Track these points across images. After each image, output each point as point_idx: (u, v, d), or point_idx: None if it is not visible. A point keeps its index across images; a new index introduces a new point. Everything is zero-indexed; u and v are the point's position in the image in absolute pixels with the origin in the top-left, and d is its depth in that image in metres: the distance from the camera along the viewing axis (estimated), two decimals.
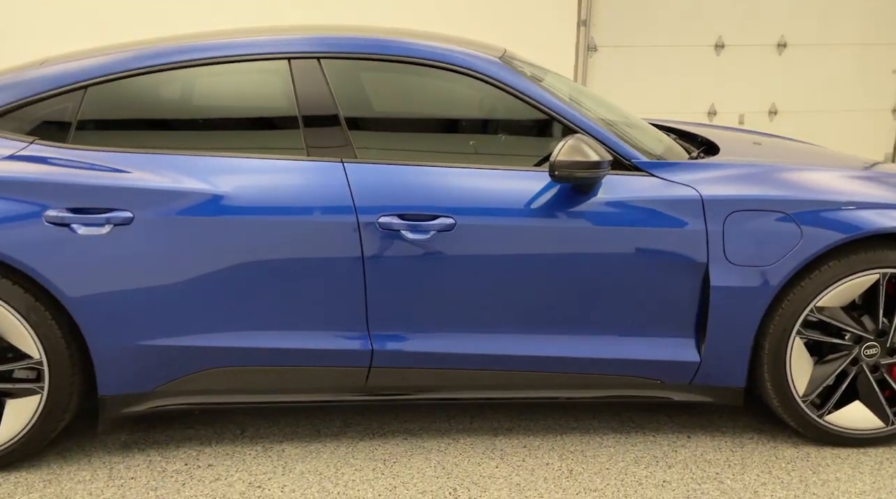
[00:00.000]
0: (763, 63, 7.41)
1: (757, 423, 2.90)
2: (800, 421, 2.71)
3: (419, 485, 2.47)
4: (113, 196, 2.38)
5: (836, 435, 2.73)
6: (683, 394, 2.72)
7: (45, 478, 2.49)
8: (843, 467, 2.62)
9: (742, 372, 2.65)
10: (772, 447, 2.75)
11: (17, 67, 2.69)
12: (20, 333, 2.40)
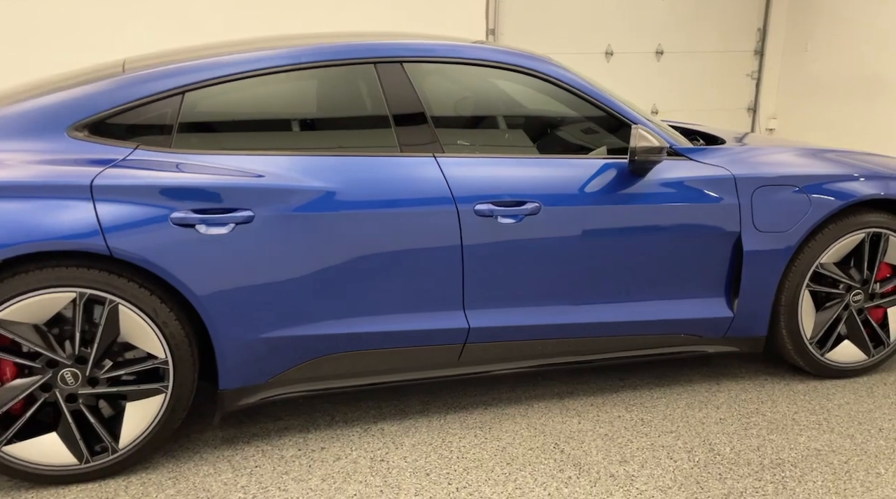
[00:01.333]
0: (645, 68, 8.20)
1: (762, 368, 3.41)
2: (808, 360, 3.24)
3: (523, 444, 2.76)
4: (234, 196, 2.48)
5: (833, 369, 3.29)
6: (717, 346, 3.17)
7: (170, 476, 2.54)
8: (846, 393, 3.18)
9: (765, 323, 3.14)
10: (785, 385, 3.26)
11: (99, 72, 2.69)
12: (147, 334, 2.45)
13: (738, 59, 8.48)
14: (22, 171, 2.35)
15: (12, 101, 2.57)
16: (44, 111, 2.50)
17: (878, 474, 2.59)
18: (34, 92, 2.62)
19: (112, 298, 2.38)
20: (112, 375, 2.46)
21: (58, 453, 2.45)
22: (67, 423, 2.44)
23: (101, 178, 2.37)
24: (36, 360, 2.39)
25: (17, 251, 2.26)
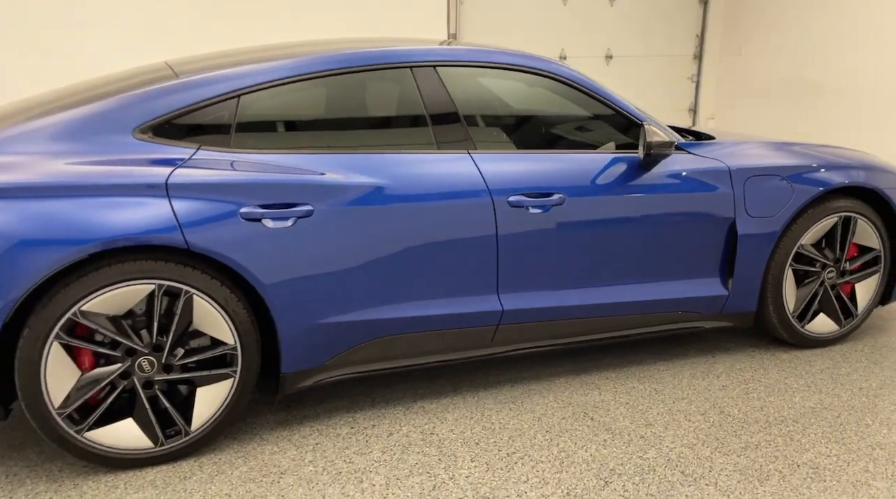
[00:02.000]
0: (595, 71, 8.61)
1: (748, 342, 3.78)
2: (790, 332, 3.62)
3: (555, 414, 3.03)
4: (295, 192, 2.67)
5: (812, 339, 3.68)
6: (713, 322, 3.51)
7: (238, 456, 2.71)
8: (824, 360, 3.57)
9: (755, 299, 3.50)
10: (771, 355, 3.63)
11: (148, 76, 2.84)
12: (218, 323, 2.61)
13: (680, 63, 9.00)
14: (100, 171, 2.49)
15: (63, 106, 2.68)
16: (110, 115, 2.63)
17: (867, 425, 2.96)
18: (81, 97, 2.75)
19: (188, 289, 2.54)
20: (185, 361, 2.61)
21: (134, 437, 2.58)
22: (144, 408, 2.58)
23: (174, 176, 2.53)
24: (116, 349, 2.52)
25: (103, 246, 2.40)
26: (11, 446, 2.76)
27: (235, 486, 2.52)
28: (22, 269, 2.32)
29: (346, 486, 2.52)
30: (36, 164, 2.46)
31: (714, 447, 2.78)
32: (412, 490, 2.50)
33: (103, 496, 2.46)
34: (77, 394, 2.48)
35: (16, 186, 2.37)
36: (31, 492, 2.48)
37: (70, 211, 2.39)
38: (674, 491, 2.50)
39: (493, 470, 2.62)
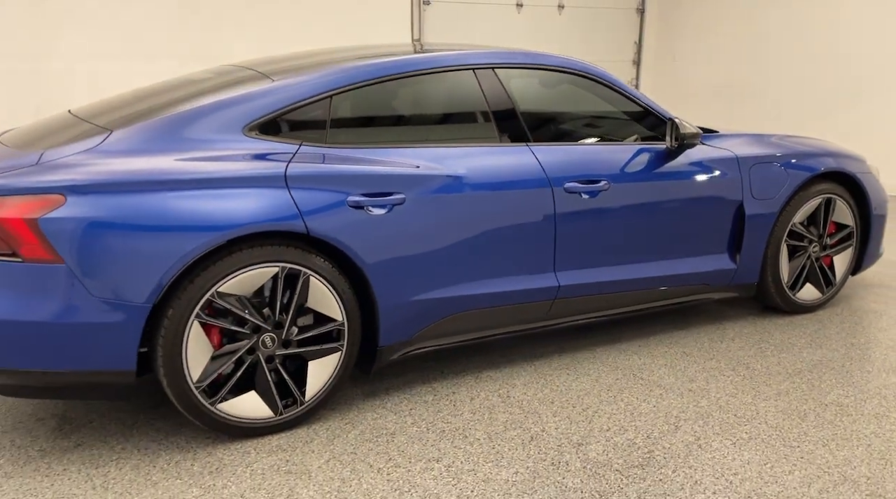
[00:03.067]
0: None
1: (745, 312, 4.28)
2: (784, 300, 4.14)
3: (609, 376, 3.42)
4: (390, 182, 2.97)
5: (801, 305, 4.21)
6: (722, 293, 3.99)
7: (344, 423, 2.98)
8: (814, 322, 4.11)
9: (757, 272, 4.00)
10: (769, 321, 4.14)
11: (236, 75, 3.11)
12: (329, 301, 2.88)
13: (621, 68, 9.62)
14: (228, 165, 2.72)
15: (164, 106, 2.92)
16: (221, 114, 2.86)
17: (868, 371, 3.49)
18: (175, 97, 3.00)
19: (305, 271, 2.80)
20: (302, 337, 2.87)
21: (257, 408, 2.82)
22: (266, 381, 2.82)
23: (290, 169, 2.79)
24: (244, 327, 2.76)
25: (240, 232, 2.64)
26: (126, 424, 2.94)
27: (355, 446, 2.79)
28: (173, 253, 2.54)
29: (454, 440, 2.84)
30: (164, 158, 2.67)
31: (753, 395, 3.23)
32: (513, 441, 2.84)
33: (239, 461, 2.69)
34: (211, 368, 2.71)
35: (161, 179, 2.58)
36: (170, 461, 2.68)
37: (210, 201, 2.62)
38: (735, 429, 2.93)
39: (575, 423, 2.99)
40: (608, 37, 9.35)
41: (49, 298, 2.48)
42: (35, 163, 2.58)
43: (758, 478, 2.60)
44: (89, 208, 2.49)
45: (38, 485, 2.53)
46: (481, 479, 2.58)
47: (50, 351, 2.53)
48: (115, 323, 2.53)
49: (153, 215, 2.56)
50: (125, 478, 2.57)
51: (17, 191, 2.46)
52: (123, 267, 2.52)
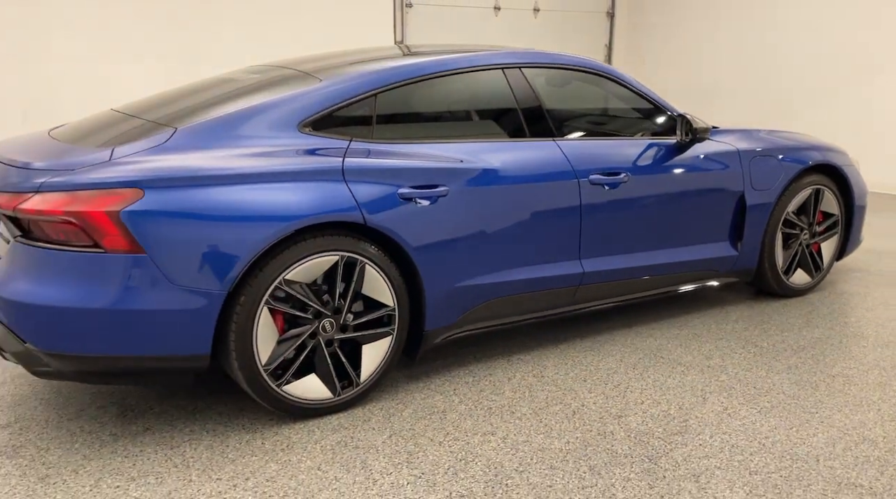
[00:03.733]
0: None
1: (737, 296, 4.57)
2: (779, 283, 4.44)
3: (632, 356, 3.66)
4: (436, 175, 3.15)
5: (793, 289, 4.52)
6: (724, 278, 4.26)
7: (396, 403, 3.15)
8: (806, 304, 4.42)
9: (755, 258, 4.29)
10: (766, 304, 4.44)
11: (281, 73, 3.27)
12: (382, 288, 3.05)
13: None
14: (288, 160, 2.88)
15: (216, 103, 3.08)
16: (278, 112, 3.01)
17: (863, 346, 3.80)
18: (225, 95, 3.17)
19: (361, 259, 2.97)
20: (358, 322, 3.03)
21: (317, 389, 2.97)
22: (326, 363, 2.98)
23: (346, 164, 2.96)
24: (307, 312, 2.91)
25: (306, 222, 2.79)
26: (187, 410, 3.06)
27: (412, 423, 2.97)
28: (247, 243, 2.69)
29: (503, 416, 3.03)
30: (230, 154, 2.82)
31: (766, 370, 3.50)
32: (558, 416, 3.05)
33: (306, 438, 2.84)
34: (277, 352, 2.85)
35: (231, 173, 2.73)
36: (240, 440, 2.82)
37: (278, 194, 2.78)
38: (757, 400, 3.19)
39: (610, 398, 3.21)
40: (580, 39, 9.65)
41: (132, 287, 2.60)
42: (108, 159, 2.70)
43: (787, 440, 2.85)
44: (167, 201, 2.62)
45: (119, 465, 2.65)
46: (537, 448, 2.78)
47: (133, 337, 2.65)
48: (194, 310, 2.67)
49: (227, 207, 2.70)
50: (202, 456, 2.70)
51: (97, 185, 2.58)
52: (201, 256, 2.66)
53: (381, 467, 2.65)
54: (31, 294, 2.58)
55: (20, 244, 2.64)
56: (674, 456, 2.73)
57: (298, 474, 2.60)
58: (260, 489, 2.50)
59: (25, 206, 2.57)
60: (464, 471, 2.62)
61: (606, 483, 2.55)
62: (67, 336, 2.61)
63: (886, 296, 4.62)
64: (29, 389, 3.24)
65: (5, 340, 2.68)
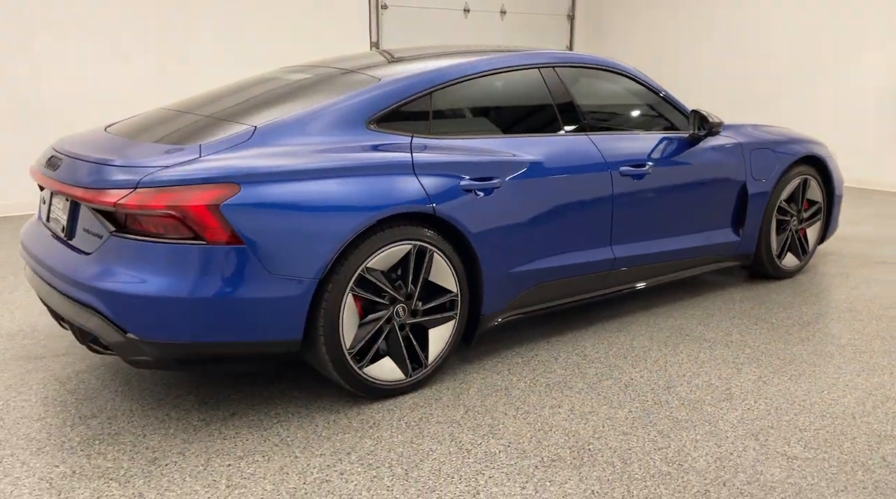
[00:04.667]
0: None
1: (731, 281, 4.92)
2: (773, 267, 4.81)
3: (660, 335, 3.94)
4: (490, 168, 3.36)
5: (785, 271, 4.90)
6: (727, 262, 4.60)
7: (459, 383, 3.34)
8: (797, 285, 4.80)
9: (754, 243, 4.64)
10: (762, 286, 4.80)
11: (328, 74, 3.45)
12: (447, 275, 3.24)
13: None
14: (364, 155, 3.04)
15: (282, 101, 3.26)
16: (348, 110, 3.16)
17: (861, 320, 4.18)
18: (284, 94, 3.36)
19: (430, 248, 3.16)
20: (426, 307, 3.22)
21: (392, 371, 3.15)
22: (399, 347, 3.15)
23: (415, 158, 3.14)
24: (383, 298, 3.09)
25: (387, 213, 2.97)
26: (263, 396, 3.19)
27: (480, 400, 3.17)
28: (337, 233, 2.85)
29: (563, 391, 3.27)
30: (310, 149, 2.97)
31: (783, 343, 3.84)
32: (612, 389, 3.30)
33: (388, 416, 3.01)
34: (359, 336, 3.02)
35: (316, 168, 2.88)
36: (328, 421, 2.97)
37: (361, 186, 2.95)
38: (785, 369, 3.51)
39: (653, 372, 3.48)
40: (544, 40, 9.98)
41: (232, 276, 2.73)
42: (199, 156, 2.81)
43: (822, 402, 3.18)
44: (262, 195, 2.76)
45: (221, 446, 2.78)
46: (604, 417, 3.03)
47: (232, 325, 2.78)
48: (290, 297, 2.81)
49: (317, 200, 2.86)
50: (297, 436, 2.85)
51: (196, 181, 2.70)
52: (296, 246, 2.81)
53: (468, 438, 2.84)
54: (135, 285, 2.69)
55: (118, 238, 2.74)
56: (729, 419, 3.01)
57: (395, 448, 2.77)
58: (365, 462, 2.67)
59: (126, 201, 2.67)
60: (545, 439, 2.84)
61: (678, 445, 2.81)
62: (170, 325, 2.72)
63: (864, 275, 5.05)
64: (98, 383, 3.31)
65: (104, 331, 2.77)
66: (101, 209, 2.77)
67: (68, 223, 3.02)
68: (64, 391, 3.23)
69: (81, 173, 2.88)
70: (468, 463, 2.67)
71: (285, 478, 2.57)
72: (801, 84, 8.82)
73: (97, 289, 2.72)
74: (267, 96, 3.44)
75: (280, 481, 2.55)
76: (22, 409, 3.07)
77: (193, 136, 3.04)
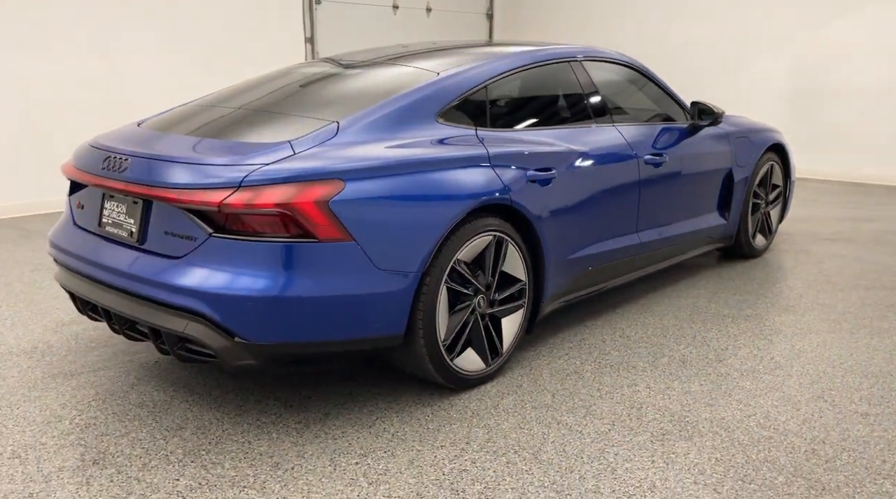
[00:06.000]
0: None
1: (706, 260, 5.27)
2: (748, 246, 5.19)
3: (681, 315, 4.18)
4: (549, 159, 3.46)
5: (757, 250, 5.30)
6: (715, 244, 4.93)
7: (531, 369, 3.41)
8: (770, 264, 5.20)
9: (736, 226, 4.99)
10: (738, 264, 5.17)
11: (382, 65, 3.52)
12: (518, 264, 3.32)
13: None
14: (446, 148, 3.07)
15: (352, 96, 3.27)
16: (420, 104, 3.16)
17: (843, 289, 4.60)
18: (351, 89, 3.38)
19: (506, 238, 3.23)
20: (502, 297, 3.29)
21: (475, 361, 3.19)
22: (480, 337, 3.20)
23: (490, 150, 3.20)
24: (468, 289, 3.13)
25: (476, 204, 3.01)
26: (342, 395, 3.15)
27: (560, 383, 3.27)
28: (436, 225, 2.87)
29: (629, 371, 3.42)
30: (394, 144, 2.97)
31: (793, 314, 4.17)
32: (671, 365, 3.48)
33: (483, 405, 3.06)
34: (450, 328, 3.05)
35: (409, 161, 2.88)
36: (427, 414, 2.97)
37: (452, 179, 2.98)
38: (810, 337, 3.82)
39: (698, 347, 3.70)
40: (466, 36, 10.14)
41: (344, 273, 2.69)
42: (293, 152, 2.75)
43: (857, 364, 3.49)
44: (366, 190, 2.74)
45: (336, 446, 2.73)
46: (682, 392, 3.21)
47: (342, 322, 2.74)
48: (396, 291, 2.80)
49: (417, 193, 2.87)
50: (405, 430, 2.84)
51: (304, 177, 2.64)
52: (401, 240, 2.80)
53: (571, 420, 2.94)
54: (246, 287, 2.60)
55: (218, 239, 2.64)
56: (791, 385, 3.27)
57: (509, 434, 2.83)
58: (488, 449, 2.71)
59: (231, 200, 2.58)
60: (643, 416, 2.98)
61: (763, 411, 3.02)
62: (281, 326, 2.65)
63: (822, 251, 5.53)
64: (164, 394, 3.16)
65: (207, 336, 2.65)
66: (198, 210, 2.65)
67: (140, 226, 2.87)
68: (130, 405, 3.06)
69: (169, 173, 2.74)
70: (586, 443, 2.77)
71: (421, 471, 2.57)
72: (714, 78, 9.43)
73: (202, 292, 2.61)
74: (325, 91, 3.40)
75: (419, 474, 2.55)
76: (96, 426, 2.89)
77: (272, 132, 2.97)
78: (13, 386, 3.24)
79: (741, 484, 2.49)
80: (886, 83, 8.43)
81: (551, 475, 2.54)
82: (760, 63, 9.17)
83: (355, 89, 3.39)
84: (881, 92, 8.48)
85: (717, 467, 2.60)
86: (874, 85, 8.51)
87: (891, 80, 8.42)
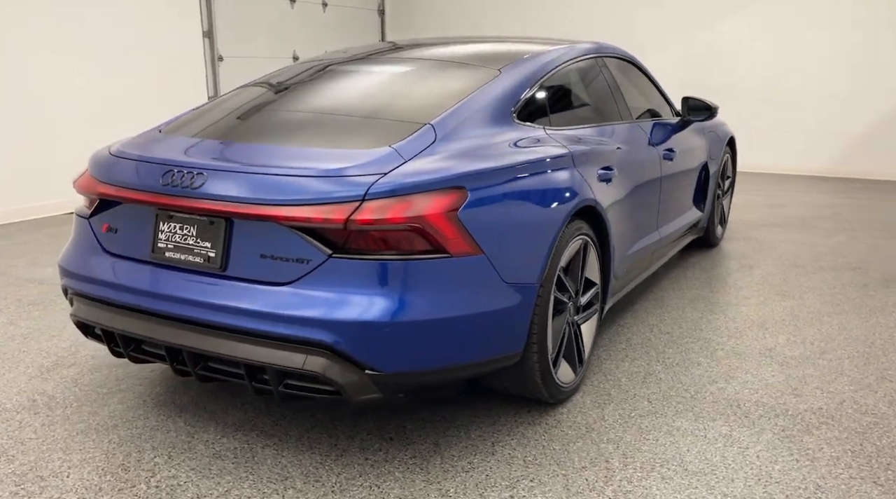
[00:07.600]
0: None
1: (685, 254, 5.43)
2: (713, 236, 5.40)
3: (692, 305, 4.25)
4: (609, 158, 3.38)
5: (718, 238, 5.52)
6: (695, 235, 5.07)
7: (604, 373, 3.31)
8: (736, 251, 5.43)
9: (708, 217, 5.17)
10: (710, 253, 5.36)
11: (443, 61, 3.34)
12: (594, 267, 3.21)
13: None
14: (540, 149, 2.90)
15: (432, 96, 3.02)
16: (498, 103, 2.97)
17: (822, 267, 4.87)
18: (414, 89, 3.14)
19: (589, 241, 3.11)
20: (585, 302, 3.16)
21: (567, 372, 3.05)
22: (573, 345, 3.06)
23: (571, 151, 3.07)
24: (565, 296, 2.98)
25: (577, 207, 2.88)
26: (434, 420, 2.91)
27: (644, 387, 3.18)
28: (549, 230, 2.73)
29: (695, 368, 3.39)
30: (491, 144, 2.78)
31: (788, 298, 4.36)
32: (728, 358, 3.51)
33: (572, 419, 2.90)
34: (554, 338, 2.89)
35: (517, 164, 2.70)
36: (523, 434, 2.80)
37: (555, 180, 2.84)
38: (819, 318, 4.00)
39: (742, 338, 3.75)
40: (359, 32, 9.85)
41: (478, 289, 2.47)
42: (403, 159, 2.48)
43: (865, 336, 3.72)
44: (487, 197, 2.53)
45: (451, 466, 2.51)
46: (763, 384, 3.23)
47: (475, 343, 2.51)
48: (519, 305, 2.60)
49: (531, 198, 2.69)
50: (528, 453, 2.65)
51: (430, 186, 2.39)
52: (522, 250, 2.62)
53: (686, 425, 2.87)
54: (383, 313, 2.31)
55: (339, 260, 2.33)
56: (847, 367, 3.39)
57: (641, 447, 2.71)
58: (633, 464, 2.58)
59: (358, 216, 2.29)
60: (749, 413, 2.97)
61: (850, 397, 3.11)
62: (417, 353, 2.39)
63: (773, 237, 5.87)
64: (240, 443, 2.76)
65: (332, 371, 2.33)
66: (313, 228, 2.32)
67: (223, 250, 2.48)
68: (205, 457, 2.65)
69: (271, 188, 2.37)
70: (719, 447, 2.71)
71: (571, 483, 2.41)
72: None
73: (330, 322, 2.29)
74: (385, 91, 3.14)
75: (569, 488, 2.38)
76: (181, 487, 2.47)
77: (362, 138, 2.68)
78: (42, 450, 2.71)
79: (892, 473, 2.53)
80: (772, 77, 9.08)
81: (716, 487, 2.45)
82: None
83: (418, 88, 3.12)
84: (764, 85, 9.12)
85: (858, 457, 2.63)
86: (759, 81, 9.14)
87: (777, 72, 9.07)
